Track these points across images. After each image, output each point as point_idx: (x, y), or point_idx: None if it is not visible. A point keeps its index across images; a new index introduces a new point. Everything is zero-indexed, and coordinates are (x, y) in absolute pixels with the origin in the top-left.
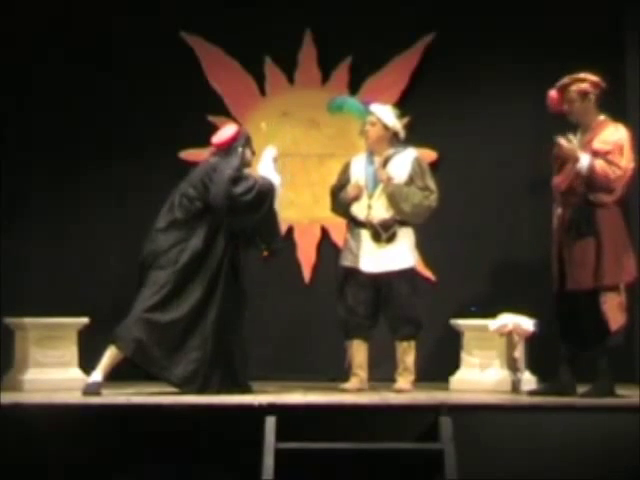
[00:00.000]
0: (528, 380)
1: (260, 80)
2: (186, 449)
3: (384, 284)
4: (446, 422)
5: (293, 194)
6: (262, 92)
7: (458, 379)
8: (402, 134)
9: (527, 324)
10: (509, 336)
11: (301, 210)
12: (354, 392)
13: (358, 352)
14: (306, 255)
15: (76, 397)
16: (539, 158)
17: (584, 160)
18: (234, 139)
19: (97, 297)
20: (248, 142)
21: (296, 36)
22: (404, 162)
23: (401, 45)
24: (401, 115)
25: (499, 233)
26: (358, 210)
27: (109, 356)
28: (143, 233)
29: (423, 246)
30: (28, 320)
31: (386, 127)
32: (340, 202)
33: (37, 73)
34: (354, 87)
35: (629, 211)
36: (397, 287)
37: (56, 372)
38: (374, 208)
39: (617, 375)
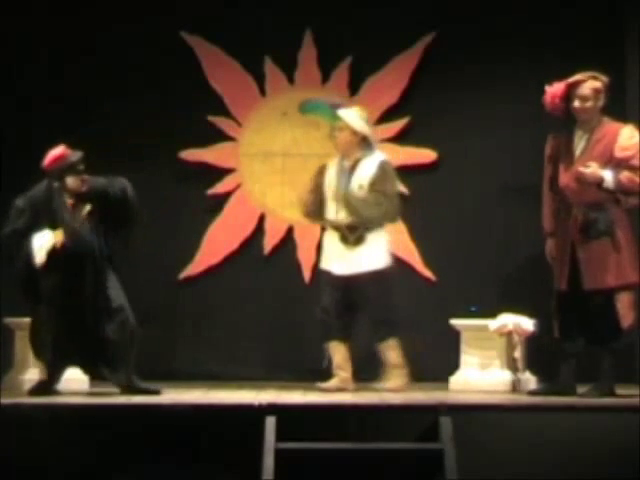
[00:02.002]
0: (528, 380)
1: (260, 80)
2: (186, 449)
3: (354, 286)
4: (446, 422)
5: (293, 194)
6: (262, 92)
7: (458, 379)
8: (372, 138)
9: (527, 324)
10: (509, 336)
11: None
12: (333, 392)
13: (336, 353)
14: (306, 255)
15: (76, 397)
16: (539, 158)
17: (608, 176)
18: (49, 165)
19: None
20: (66, 172)
21: (296, 36)
22: (371, 165)
23: (401, 45)
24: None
25: (499, 233)
26: (329, 214)
27: None
28: (143, 233)
29: (423, 246)
30: (28, 320)
31: (354, 132)
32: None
33: (37, 73)
34: (354, 87)
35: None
36: (366, 289)
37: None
38: (341, 212)
39: (617, 375)
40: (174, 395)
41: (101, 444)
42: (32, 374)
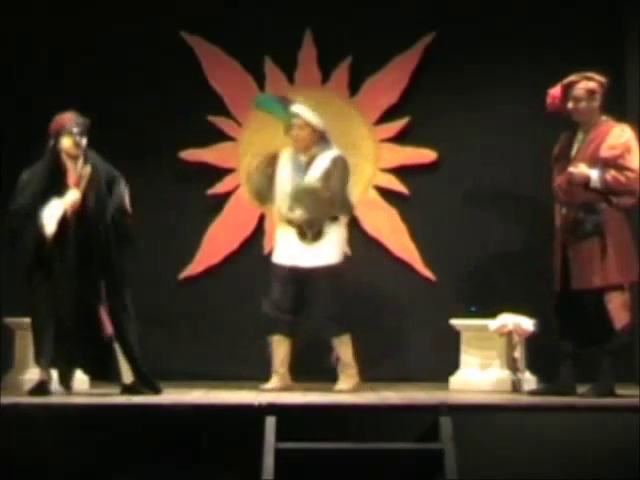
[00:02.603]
0: (528, 380)
1: (260, 80)
2: (186, 449)
3: (307, 281)
4: (446, 422)
5: None
6: (262, 92)
7: (458, 379)
8: (328, 132)
9: (527, 324)
10: (509, 336)
11: None
12: (277, 391)
13: (279, 348)
14: None
15: (76, 397)
16: (539, 158)
17: (594, 175)
18: (49, 133)
19: None
20: (61, 133)
21: (296, 36)
22: (325, 161)
23: (401, 45)
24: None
25: (499, 233)
26: (282, 208)
27: None
28: (143, 232)
29: (423, 246)
30: (28, 320)
31: (314, 129)
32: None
33: (37, 73)
34: (354, 87)
35: (631, 211)
36: (319, 284)
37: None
38: (297, 208)
39: (617, 375)
40: (174, 395)
41: (101, 444)
42: (32, 374)
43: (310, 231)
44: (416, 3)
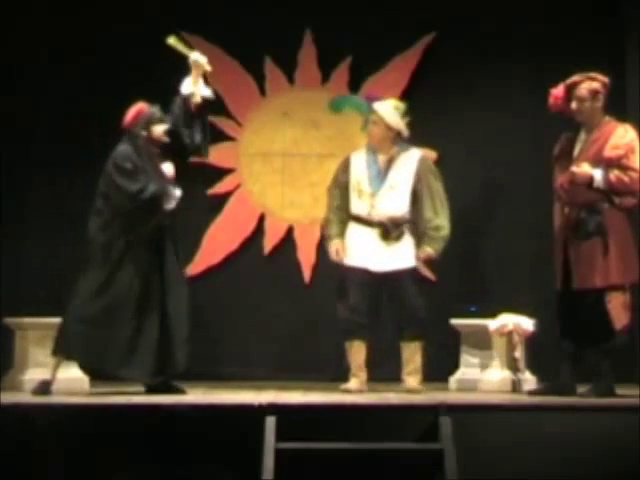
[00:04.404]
0: (528, 380)
1: (260, 80)
2: (186, 449)
3: (390, 283)
4: (446, 422)
5: (293, 194)
6: (262, 92)
7: (458, 379)
8: (405, 133)
9: (527, 324)
10: (509, 336)
11: (301, 210)
12: (355, 393)
13: (358, 353)
14: (306, 255)
15: (76, 397)
16: (539, 158)
17: (597, 175)
18: (132, 121)
19: None
20: (151, 121)
21: (296, 36)
22: (409, 161)
23: (401, 45)
24: (406, 111)
25: (499, 233)
26: (360, 209)
27: None
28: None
29: None
30: (28, 320)
31: (389, 127)
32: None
33: (36, 73)
34: (354, 87)
35: (630, 211)
36: (404, 286)
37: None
38: (378, 207)
39: (617, 375)
40: (174, 395)
41: (101, 444)
42: (32, 374)
43: (395, 231)
44: (416, 3)
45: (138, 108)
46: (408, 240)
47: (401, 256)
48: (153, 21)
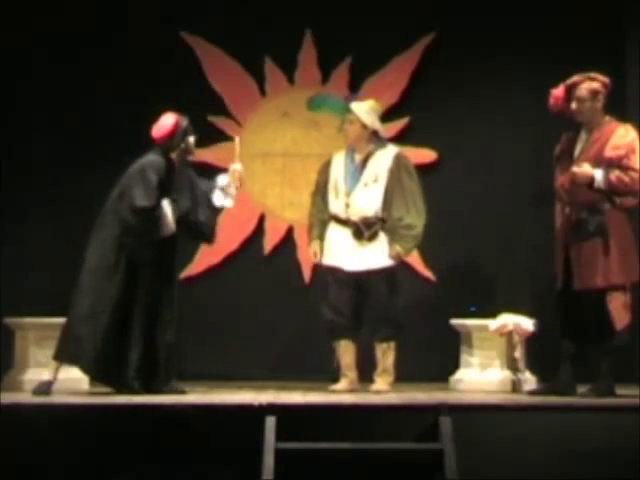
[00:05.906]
0: (528, 380)
1: (260, 80)
2: (186, 449)
3: (364, 283)
4: (446, 422)
5: (293, 194)
6: (262, 92)
7: (458, 379)
8: (382, 132)
9: (527, 324)
10: (509, 336)
11: (301, 210)
12: (344, 393)
13: (346, 353)
14: (306, 255)
15: (76, 397)
16: (539, 158)
17: (598, 175)
18: (170, 133)
19: None
20: (187, 132)
21: (296, 36)
22: (384, 159)
23: (401, 45)
24: (381, 113)
25: (499, 233)
26: (336, 208)
27: None
28: None
29: (423, 246)
30: (28, 320)
31: (364, 125)
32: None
33: (36, 73)
34: (354, 87)
35: (631, 211)
36: (377, 286)
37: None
38: (352, 206)
39: (617, 375)
40: (174, 395)
41: (101, 444)
42: (32, 374)
43: (368, 231)
44: (416, 3)
45: (175, 120)
46: (383, 240)
47: (374, 256)
48: (153, 21)
